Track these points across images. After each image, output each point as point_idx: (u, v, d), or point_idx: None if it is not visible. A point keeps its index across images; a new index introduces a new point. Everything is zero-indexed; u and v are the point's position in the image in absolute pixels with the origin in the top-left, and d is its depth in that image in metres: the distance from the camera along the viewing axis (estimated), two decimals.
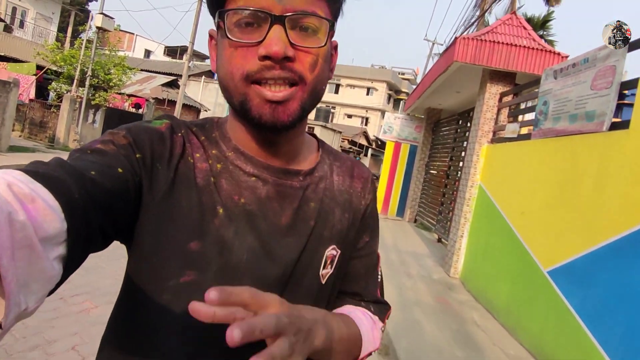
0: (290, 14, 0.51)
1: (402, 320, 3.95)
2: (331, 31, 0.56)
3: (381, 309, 0.76)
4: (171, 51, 34.28)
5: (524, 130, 5.13)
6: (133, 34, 32.67)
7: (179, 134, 0.60)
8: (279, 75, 0.52)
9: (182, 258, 0.55)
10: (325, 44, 0.55)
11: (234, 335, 0.36)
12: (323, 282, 0.65)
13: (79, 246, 0.42)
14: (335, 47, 0.64)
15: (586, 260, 3.15)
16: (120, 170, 0.50)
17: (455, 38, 5.68)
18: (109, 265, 4.11)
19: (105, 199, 0.46)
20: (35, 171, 0.40)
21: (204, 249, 0.55)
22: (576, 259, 3.26)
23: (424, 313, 4.25)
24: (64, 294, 3.39)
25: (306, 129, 0.69)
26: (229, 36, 0.53)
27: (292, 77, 0.53)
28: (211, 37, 0.62)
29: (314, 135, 0.74)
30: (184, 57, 17.19)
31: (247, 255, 0.57)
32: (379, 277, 0.78)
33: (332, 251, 0.66)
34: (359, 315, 0.70)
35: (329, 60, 0.60)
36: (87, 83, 12.63)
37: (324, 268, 0.65)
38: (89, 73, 12.59)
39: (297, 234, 0.62)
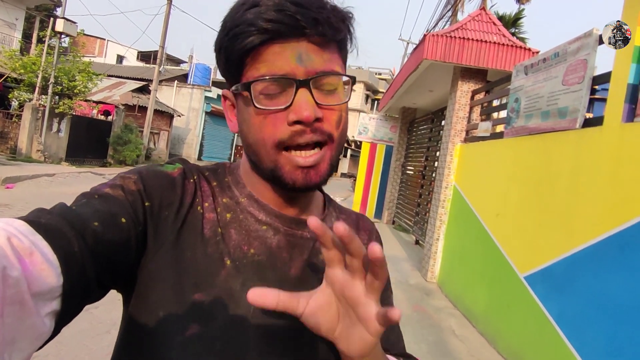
0: (313, 76, 0.52)
1: None
2: (348, 85, 0.57)
3: None
4: (145, 56, 33.52)
5: (498, 129, 4.99)
6: (104, 39, 31.82)
7: (191, 180, 0.59)
8: (311, 139, 0.53)
9: (187, 309, 0.52)
10: (348, 100, 0.57)
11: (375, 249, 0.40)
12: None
13: (74, 300, 0.41)
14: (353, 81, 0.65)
15: (563, 265, 2.99)
16: (123, 220, 0.49)
17: (424, 35, 5.51)
18: None
19: (104, 250, 0.45)
20: (37, 222, 0.40)
21: (210, 301, 0.53)
22: (553, 264, 3.10)
23: (400, 324, 4.04)
24: None
25: None
26: (257, 105, 0.53)
27: (322, 138, 0.54)
28: (225, 97, 0.61)
29: (321, 190, 0.72)
30: (156, 61, 16.71)
31: (254, 309, 0.55)
32: (400, 332, 0.74)
33: None
34: None
35: (347, 111, 0.61)
36: (49, 90, 12.08)
37: None
38: (52, 80, 12.05)
39: (307, 286, 0.58)
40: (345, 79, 0.56)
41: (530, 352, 3.20)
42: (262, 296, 0.44)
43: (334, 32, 0.52)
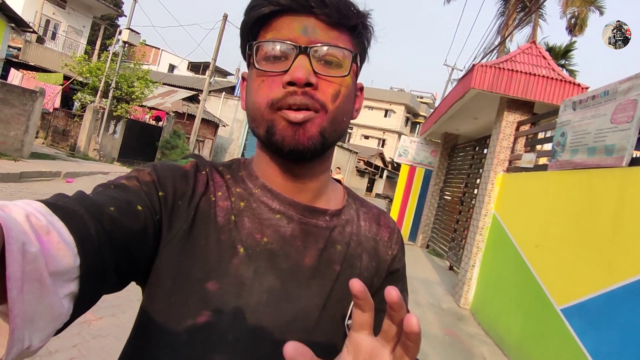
0: (314, 45, 0.54)
1: None
2: (354, 63, 0.58)
3: None
4: (194, 67, 35.05)
5: (541, 161, 5.02)
6: (159, 48, 33.56)
7: (203, 172, 0.61)
8: (301, 100, 0.53)
9: (199, 298, 0.53)
10: (348, 74, 0.57)
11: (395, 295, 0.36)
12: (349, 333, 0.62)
13: (92, 284, 0.42)
14: (361, 89, 0.65)
15: (602, 300, 3.01)
16: (139, 207, 0.50)
17: (473, 65, 5.65)
18: None
19: (121, 236, 0.46)
20: (54, 204, 0.41)
21: (222, 289, 0.54)
22: (591, 298, 3.12)
23: (431, 346, 4.12)
24: None
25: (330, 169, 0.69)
26: (257, 67, 0.56)
27: (313, 104, 0.54)
28: (243, 78, 0.64)
29: (340, 182, 0.74)
30: (207, 72, 17.54)
31: (267, 297, 0.55)
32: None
33: None
34: None
35: (352, 94, 0.61)
36: (110, 95, 12.96)
37: (349, 318, 0.62)
38: (113, 85, 12.92)
39: (321, 277, 0.60)
40: (349, 54, 0.57)
41: None
42: (299, 353, 0.35)
43: (341, 17, 0.55)
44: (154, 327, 0.55)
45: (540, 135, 5.55)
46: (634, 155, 3.18)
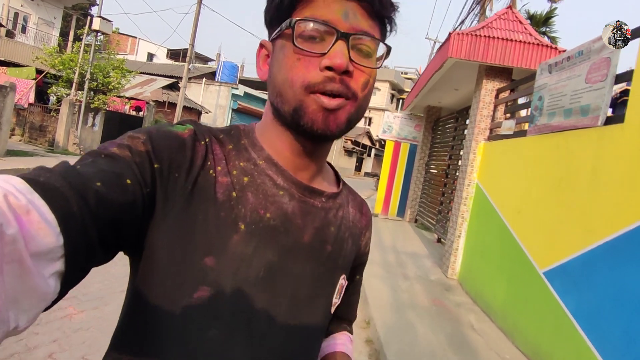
0: (354, 32, 0.54)
1: (395, 323, 3.84)
2: (382, 55, 0.59)
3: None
4: (174, 54, 34.36)
5: (524, 127, 5.01)
6: (136, 37, 32.76)
7: (202, 143, 0.58)
8: (338, 89, 0.54)
9: (196, 273, 0.53)
10: (379, 67, 0.59)
11: None
12: (332, 311, 0.67)
13: (78, 261, 0.41)
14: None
15: (581, 261, 3.03)
16: (128, 181, 0.48)
17: (450, 34, 5.56)
18: (97, 270, 4.03)
19: (107, 212, 0.44)
20: (36, 180, 0.39)
21: (220, 265, 0.54)
22: (571, 260, 3.14)
23: (419, 316, 4.14)
24: None
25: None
26: (296, 44, 0.54)
27: (346, 92, 0.55)
28: (262, 46, 0.63)
29: (330, 164, 0.76)
30: (186, 59, 17.18)
31: (264, 271, 0.56)
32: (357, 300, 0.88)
33: (342, 281, 0.68)
34: (349, 346, 0.82)
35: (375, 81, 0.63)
36: (86, 86, 12.63)
37: (335, 297, 0.66)
38: (88, 76, 12.59)
39: (315, 255, 0.62)
40: (382, 47, 0.58)
41: (548, 345, 3.25)
42: None
43: (381, 6, 0.56)
44: (149, 301, 0.53)
45: (521, 101, 5.53)
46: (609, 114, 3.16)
